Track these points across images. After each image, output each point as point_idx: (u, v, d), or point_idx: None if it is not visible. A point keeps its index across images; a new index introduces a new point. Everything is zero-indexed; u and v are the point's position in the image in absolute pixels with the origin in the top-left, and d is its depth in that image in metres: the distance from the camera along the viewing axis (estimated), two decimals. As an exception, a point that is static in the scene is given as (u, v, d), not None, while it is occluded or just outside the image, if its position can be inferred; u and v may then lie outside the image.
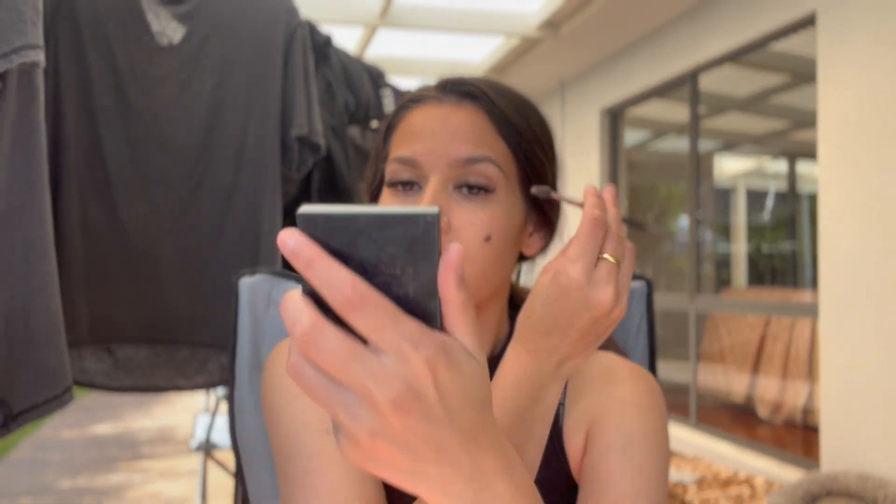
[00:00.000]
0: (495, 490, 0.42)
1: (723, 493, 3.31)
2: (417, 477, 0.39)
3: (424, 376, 0.36)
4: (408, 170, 0.70)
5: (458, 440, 0.39)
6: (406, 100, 0.75)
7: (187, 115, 1.25)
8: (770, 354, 4.28)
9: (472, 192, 0.69)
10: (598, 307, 0.56)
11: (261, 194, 1.57)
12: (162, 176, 1.45)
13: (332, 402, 0.37)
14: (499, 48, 4.95)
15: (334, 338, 0.36)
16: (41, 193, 1.06)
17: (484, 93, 0.72)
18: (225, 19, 1.51)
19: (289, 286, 0.98)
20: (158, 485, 3.80)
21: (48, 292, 1.05)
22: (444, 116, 0.70)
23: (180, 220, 1.49)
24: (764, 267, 5.60)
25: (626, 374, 0.74)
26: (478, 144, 0.70)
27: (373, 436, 0.37)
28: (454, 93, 0.72)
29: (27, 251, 1.03)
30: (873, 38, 3.01)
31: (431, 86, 0.75)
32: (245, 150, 1.55)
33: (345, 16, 4.15)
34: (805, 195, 5.22)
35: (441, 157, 0.69)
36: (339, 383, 0.37)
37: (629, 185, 5.42)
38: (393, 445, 0.38)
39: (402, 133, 0.73)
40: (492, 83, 0.74)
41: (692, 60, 4.18)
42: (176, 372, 1.54)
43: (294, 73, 1.58)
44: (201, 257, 1.52)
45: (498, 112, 0.72)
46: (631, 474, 0.66)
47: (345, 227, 0.36)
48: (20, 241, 1.03)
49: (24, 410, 1.03)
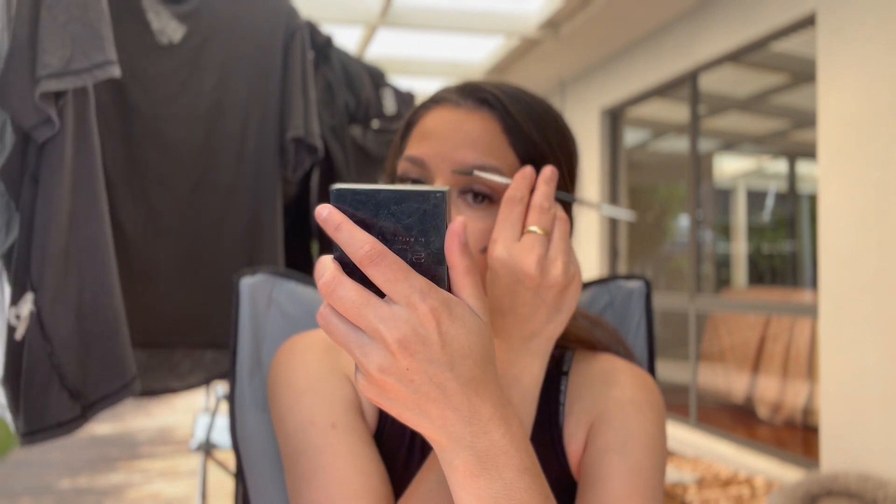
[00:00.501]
0: (492, 437, 0.47)
1: (723, 493, 3.31)
2: (420, 415, 0.45)
3: (429, 323, 0.43)
4: (416, 169, 0.71)
5: (459, 386, 0.44)
6: (427, 100, 0.76)
7: (187, 114, 1.24)
8: (770, 354, 4.28)
9: (477, 200, 0.69)
10: (526, 278, 0.57)
11: (261, 194, 1.56)
12: (161, 175, 1.44)
13: (350, 341, 0.44)
14: (499, 48, 4.96)
15: (351, 288, 0.43)
16: (99, 195, 1.12)
17: (500, 101, 0.72)
18: (225, 20, 1.50)
19: (289, 286, 0.98)
20: (158, 485, 3.80)
21: (111, 288, 1.12)
22: (457, 121, 0.71)
23: (179, 220, 1.47)
24: (764, 267, 5.60)
25: (625, 376, 0.75)
26: (486, 153, 0.69)
27: (382, 371, 0.43)
28: (472, 98, 0.72)
29: (92, 250, 1.10)
30: (873, 38, 3.01)
31: (453, 87, 0.75)
32: (245, 150, 1.54)
33: (345, 16, 4.15)
34: (805, 195, 5.23)
35: (447, 161, 0.69)
36: (356, 327, 0.44)
37: (629, 185, 5.42)
38: (399, 382, 0.44)
39: (417, 132, 0.73)
40: (512, 91, 0.74)
41: (692, 60, 4.18)
42: (170, 374, 1.51)
43: (292, 74, 1.58)
44: (200, 258, 1.50)
45: (511, 121, 0.71)
46: (629, 474, 0.67)
47: (368, 201, 0.44)
48: (85, 241, 1.09)
49: (97, 400, 1.11)
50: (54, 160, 1.03)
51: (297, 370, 0.73)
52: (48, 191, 1.03)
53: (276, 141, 1.58)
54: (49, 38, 1.00)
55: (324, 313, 0.45)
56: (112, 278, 1.13)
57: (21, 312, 1.02)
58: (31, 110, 1.00)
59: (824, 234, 3.27)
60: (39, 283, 1.02)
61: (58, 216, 1.04)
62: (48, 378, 1.05)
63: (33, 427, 1.05)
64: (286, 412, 0.71)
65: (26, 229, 1.04)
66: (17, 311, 1.02)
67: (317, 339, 0.77)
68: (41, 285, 1.02)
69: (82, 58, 1.02)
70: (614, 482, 0.66)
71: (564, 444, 0.73)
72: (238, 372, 0.93)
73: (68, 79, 1.01)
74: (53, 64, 1.00)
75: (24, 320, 1.01)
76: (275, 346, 0.95)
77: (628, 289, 1.02)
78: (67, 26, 1.01)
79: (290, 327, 0.97)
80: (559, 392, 0.77)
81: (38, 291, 1.02)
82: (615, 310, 1.01)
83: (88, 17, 1.03)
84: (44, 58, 0.99)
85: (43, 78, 0.98)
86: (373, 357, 0.43)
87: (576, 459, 0.73)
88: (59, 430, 1.06)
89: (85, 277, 1.10)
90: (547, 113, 0.74)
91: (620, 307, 1.01)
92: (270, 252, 1.58)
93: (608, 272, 5.28)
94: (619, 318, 1.01)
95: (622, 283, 1.02)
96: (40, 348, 1.04)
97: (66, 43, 1.01)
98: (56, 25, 1.00)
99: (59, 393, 1.05)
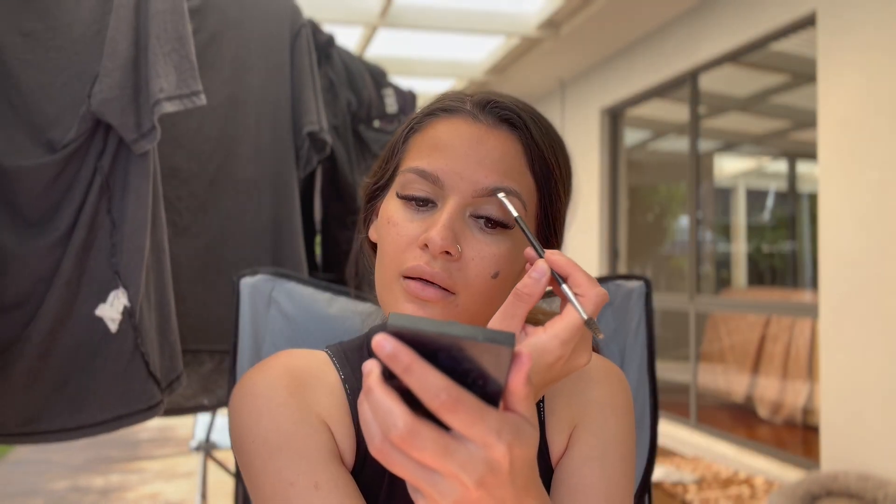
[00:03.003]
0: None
1: (723, 493, 3.31)
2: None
3: (503, 459, 0.44)
4: (426, 185, 0.66)
5: (514, 494, 0.46)
6: (436, 106, 0.71)
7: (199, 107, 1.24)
8: (770, 354, 4.28)
9: (489, 226, 0.66)
10: None
11: (280, 190, 1.54)
12: (175, 169, 1.41)
13: (422, 481, 0.44)
14: (499, 48, 4.96)
15: (428, 438, 0.42)
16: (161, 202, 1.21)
17: (522, 120, 0.68)
18: (232, 18, 1.50)
19: (289, 286, 0.98)
20: (158, 485, 3.80)
21: (170, 286, 1.22)
22: (476, 137, 0.66)
23: (197, 216, 1.44)
24: (764, 267, 5.60)
25: (601, 374, 0.75)
26: (506, 174, 0.66)
27: None
28: (491, 113, 0.68)
29: (159, 252, 1.19)
30: (873, 38, 3.01)
31: (464, 96, 0.70)
32: (261, 144, 1.52)
33: (345, 16, 4.15)
34: (805, 195, 5.23)
35: (465, 180, 0.65)
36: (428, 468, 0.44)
37: (629, 185, 5.42)
38: None
39: (427, 142, 0.68)
40: (530, 110, 0.70)
41: (692, 60, 4.18)
42: (200, 387, 1.43)
43: (301, 71, 1.57)
44: (221, 256, 1.46)
45: (532, 143, 0.68)
46: (606, 484, 0.68)
47: (430, 342, 0.41)
48: (155, 243, 1.18)
49: (166, 387, 1.19)
50: (144, 169, 1.13)
51: (264, 422, 0.65)
52: (141, 196, 1.12)
53: (290, 136, 1.56)
54: (162, 65, 1.11)
55: (386, 451, 0.43)
56: (170, 277, 1.22)
57: (116, 307, 1.11)
58: (133, 125, 1.10)
59: (824, 234, 3.27)
60: (130, 281, 1.12)
61: (148, 220, 1.14)
62: (137, 366, 1.13)
63: (121, 412, 1.13)
64: (260, 473, 0.64)
65: (105, 232, 1.12)
66: (112, 307, 1.12)
67: (280, 374, 0.69)
68: (131, 282, 1.12)
69: (184, 85, 1.13)
70: (591, 494, 0.67)
71: (548, 443, 0.73)
72: (238, 372, 0.93)
73: (175, 102, 1.11)
74: (167, 88, 1.10)
75: (119, 315, 1.12)
76: (275, 346, 0.96)
77: (628, 289, 1.02)
78: (170, 56, 1.12)
79: (290, 327, 0.97)
80: None
81: (129, 288, 1.12)
82: (615, 310, 1.01)
83: (185, 50, 1.13)
84: (159, 82, 1.10)
85: (161, 100, 1.09)
86: (448, 496, 0.44)
87: (558, 457, 0.73)
88: (148, 413, 1.15)
89: (157, 276, 1.19)
90: (557, 133, 0.73)
91: (620, 307, 1.01)
92: (292, 249, 1.54)
93: (608, 272, 5.28)
94: (619, 318, 1.01)
95: (622, 283, 1.02)
96: (132, 339, 1.12)
97: (170, 70, 1.12)
98: (163, 53, 1.11)
99: (146, 379, 1.14)
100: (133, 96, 1.10)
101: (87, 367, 1.12)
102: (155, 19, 1.11)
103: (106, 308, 1.11)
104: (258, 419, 0.66)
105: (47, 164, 1.09)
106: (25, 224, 1.10)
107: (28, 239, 1.09)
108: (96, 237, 1.12)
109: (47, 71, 1.13)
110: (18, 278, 1.08)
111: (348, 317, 0.98)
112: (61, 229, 1.10)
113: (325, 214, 1.86)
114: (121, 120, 1.09)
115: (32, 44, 1.13)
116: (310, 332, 0.96)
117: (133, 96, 1.10)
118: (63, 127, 1.11)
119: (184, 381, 1.24)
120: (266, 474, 0.64)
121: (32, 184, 1.09)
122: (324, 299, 0.99)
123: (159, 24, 1.11)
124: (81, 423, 1.11)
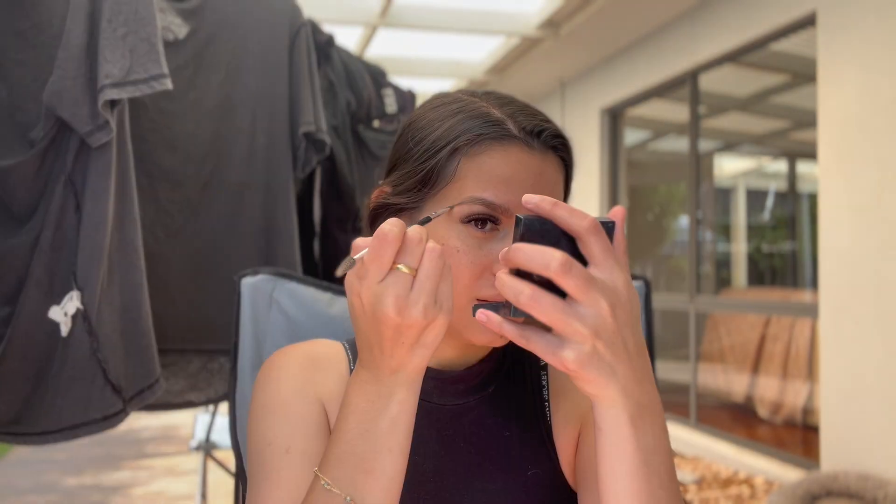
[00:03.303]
0: (651, 394, 0.55)
1: (723, 493, 3.31)
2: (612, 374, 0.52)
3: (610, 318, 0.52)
4: (489, 212, 0.68)
5: (636, 348, 0.54)
6: (477, 133, 0.69)
7: (194, 110, 1.23)
8: (770, 354, 4.29)
9: None
10: (385, 318, 0.55)
11: (274, 192, 1.53)
12: (168, 172, 1.41)
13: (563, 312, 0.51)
14: (499, 48, 4.96)
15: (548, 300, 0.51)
16: (134, 198, 1.16)
17: (566, 147, 0.72)
18: (230, 18, 1.50)
19: (290, 286, 0.98)
20: (163, 482, 3.81)
21: (143, 288, 1.17)
22: (536, 169, 0.69)
23: (189, 219, 1.44)
24: (764, 267, 5.60)
25: None
26: None
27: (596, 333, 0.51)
28: (538, 139, 0.70)
29: (129, 251, 1.15)
30: (873, 38, 3.01)
31: (503, 118, 0.70)
32: (256, 146, 1.51)
33: (345, 16, 4.15)
34: (805, 195, 5.23)
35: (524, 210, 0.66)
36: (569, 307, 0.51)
37: (629, 185, 5.42)
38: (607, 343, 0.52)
39: (486, 171, 0.68)
40: (560, 132, 0.72)
41: (692, 60, 4.18)
42: (187, 385, 1.45)
43: (299, 71, 1.56)
44: (212, 259, 1.46)
45: (569, 168, 0.74)
46: None
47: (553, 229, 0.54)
48: (124, 243, 1.14)
49: (132, 396, 1.14)
50: (103, 164, 1.08)
51: (270, 387, 0.73)
52: (98, 194, 1.07)
53: (286, 137, 1.55)
54: (110, 49, 1.05)
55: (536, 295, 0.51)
56: (143, 278, 1.18)
57: (68, 310, 1.07)
58: (87, 116, 1.05)
59: (824, 234, 3.27)
60: (86, 282, 1.07)
61: (107, 218, 1.09)
62: (93, 373, 1.09)
63: (76, 421, 1.08)
64: (252, 429, 0.72)
65: (73, 230, 1.08)
66: (63, 309, 1.07)
67: (299, 354, 0.77)
68: (87, 284, 1.07)
69: (140, 69, 1.07)
70: None
71: (554, 441, 0.76)
72: (239, 372, 0.94)
73: (128, 88, 1.06)
74: (115, 74, 1.04)
75: (70, 318, 1.06)
76: (275, 346, 0.96)
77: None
78: (126, 38, 1.06)
79: (291, 327, 0.97)
80: (542, 388, 0.79)
81: (85, 290, 1.07)
82: (615, 310, 1.01)
83: (146, 32, 1.08)
84: (106, 67, 1.04)
85: (106, 87, 1.03)
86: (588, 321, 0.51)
87: (566, 455, 0.75)
88: (104, 423, 1.10)
89: (124, 277, 1.15)
90: None
91: (621, 307, 1.01)
92: (287, 252, 1.54)
93: (608, 272, 5.27)
94: (619, 318, 1.01)
95: (622, 283, 1.02)
96: (86, 344, 1.08)
97: (124, 54, 1.06)
98: (115, 37, 1.06)
99: (103, 387, 1.10)
100: (86, 86, 1.06)
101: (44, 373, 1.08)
102: (108, 1, 1.06)
103: (57, 310, 1.07)
104: (266, 384, 0.74)
105: (24, 163, 1.07)
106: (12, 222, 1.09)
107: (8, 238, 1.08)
108: (66, 236, 1.08)
109: (33, 68, 1.10)
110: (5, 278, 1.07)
111: (349, 317, 0.98)
112: (37, 228, 1.08)
113: (325, 215, 1.86)
114: (72, 111, 1.04)
115: (23, 43, 1.10)
116: (311, 332, 0.97)
117: (86, 86, 1.06)
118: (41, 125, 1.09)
119: (162, 386, 1.20)
120: (255, 433, 0.71)
121: (16, 182, 1.07)
122: (325, 300, 0.99)
123: (112, 7, 1.06)
124: (45, 429, 1.08)
